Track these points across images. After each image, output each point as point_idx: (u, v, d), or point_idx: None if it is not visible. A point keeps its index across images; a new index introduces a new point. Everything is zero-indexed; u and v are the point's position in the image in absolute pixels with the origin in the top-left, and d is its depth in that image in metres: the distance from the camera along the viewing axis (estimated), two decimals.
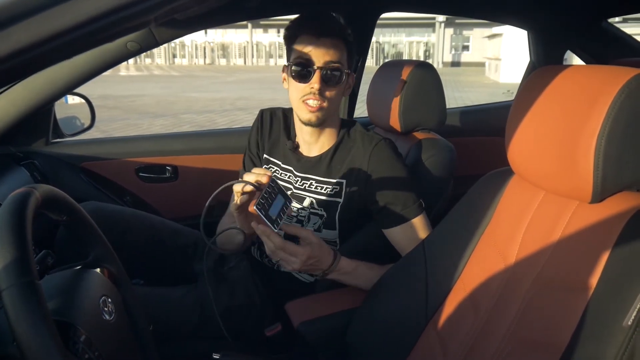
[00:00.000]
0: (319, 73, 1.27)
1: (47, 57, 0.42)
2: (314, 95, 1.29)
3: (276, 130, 1.49)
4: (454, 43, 35.26)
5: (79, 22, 0.38)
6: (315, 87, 1.27)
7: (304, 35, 1.29)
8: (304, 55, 1.28)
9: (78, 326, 0.73)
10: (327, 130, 1.40)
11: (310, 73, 1.28)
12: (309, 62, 1.28)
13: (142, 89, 15.80)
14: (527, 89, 0.98)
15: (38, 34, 0.39)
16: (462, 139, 2.14)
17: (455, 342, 1.04)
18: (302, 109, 1.32)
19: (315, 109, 1.30)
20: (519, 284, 0.96)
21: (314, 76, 1.28)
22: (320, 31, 1.29)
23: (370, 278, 1.26)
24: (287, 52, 1.35)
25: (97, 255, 0.94)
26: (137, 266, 1.54)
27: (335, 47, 1.30)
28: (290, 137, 1.46)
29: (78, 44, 0.41)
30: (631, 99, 0.79)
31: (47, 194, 0.77)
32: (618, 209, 0.85)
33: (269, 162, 1.48)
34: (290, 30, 1.34)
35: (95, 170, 1.98)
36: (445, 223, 1.18)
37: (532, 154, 0.95)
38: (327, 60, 1.28)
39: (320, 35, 1.28)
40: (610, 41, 2.19)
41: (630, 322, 0.73)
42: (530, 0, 2.01)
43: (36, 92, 1.56)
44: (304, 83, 1.29)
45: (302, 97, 1.30)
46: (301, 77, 1.29)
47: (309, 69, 1.28)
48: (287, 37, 1.34)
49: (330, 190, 1.37)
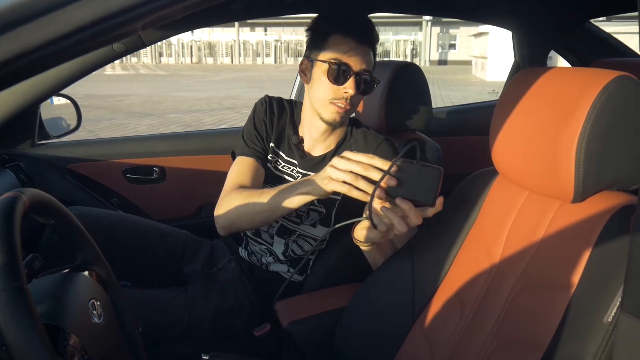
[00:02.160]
0: (354, 79, 1.28)
1: (34, 66, 0.43)
2: (345, 100, 1.30)
3: (283, 120, 1.47)
4: (441, 41, 35.45)
5: (65, 32, 0.39)
6: (350, 92, 1.28)
7: (350, 36, 1.28)
8: (344, 57, 1.28)
9: (67, 330, 0.73)
10: (337, 130, 1.41)
11: (347, 77, 1.28)
12: (347, 66, 1.28)
13: (128, 88, 15.68)
14: (511, 90, 0.99)
15: (27, 43, 0.39)
16: (448, 138, 2.16)
17: (442, 340, 1.06)
18: (328, 109, 1.32)
19: (342, 112, 1.31)
20: (503, 282, 0.98)
21: (350, 81, 1.28)
22: (363, 38, 1.29)
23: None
24: (316, 44, 1.33)
25: (85, 258, 0.94)
26: (125, 269, 1.54)
27: (370, 55, 1.32)
28: (296, 131, 1.46)
29: (64, 53, 0.41)
30: (610, 101, 0.81)
31: (35, 198, 0.77)
32: (599, 208, 0.87)
33: (274, 153, 1.46)
34: (327, 23, 1.32)
35: (82, 172, 1.97)
36: (431, 222, 1.19)
37: (516, 154, 0.97)
38: (363, 68, 1.29)
39: (362, 42, 1.29)
40: (593, 42, 2.22)
41: (610, 319, 0.75)
42: (513, 2, 2.03)
43: (22, 94, 1.55)
44: (339, 85, 1.29)
45: (332, 99, 1.30)
46: (337, 79, 1.28)
47: (346, 72, 1.28)
48: (320, 31, 1.33)
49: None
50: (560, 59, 2.41)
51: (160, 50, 36.22)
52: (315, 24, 1.35)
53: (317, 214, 1.41)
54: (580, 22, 2.19)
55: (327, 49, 1.30)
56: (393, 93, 1.58)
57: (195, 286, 1.47)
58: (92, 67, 1.53)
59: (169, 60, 36.19)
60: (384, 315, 1.18)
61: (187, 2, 0.43)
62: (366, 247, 1.17)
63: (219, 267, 1.54)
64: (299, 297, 1.39)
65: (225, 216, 1.30)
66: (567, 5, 2.07)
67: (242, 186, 1.34)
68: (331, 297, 1.33)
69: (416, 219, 0.95)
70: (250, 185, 1.36)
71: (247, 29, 36.71)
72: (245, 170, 1.39)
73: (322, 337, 1.25)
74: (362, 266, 1.27)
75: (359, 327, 1.21)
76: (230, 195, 1.31)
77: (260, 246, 1.49)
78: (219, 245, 1.63)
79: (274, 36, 35.73)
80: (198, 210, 2.12)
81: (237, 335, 1.44)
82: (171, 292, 1.45)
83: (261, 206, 1.22)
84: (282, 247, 1.46)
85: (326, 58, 1.29)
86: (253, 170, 1.39)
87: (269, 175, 1.45)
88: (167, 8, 0.42)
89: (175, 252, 1.59)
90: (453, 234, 1.12)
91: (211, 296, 1.44)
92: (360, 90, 1.31)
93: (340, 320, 1.23)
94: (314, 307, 1.31)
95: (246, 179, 1.37)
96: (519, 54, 2.36)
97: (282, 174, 1.45)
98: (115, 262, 1.05)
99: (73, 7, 0.39)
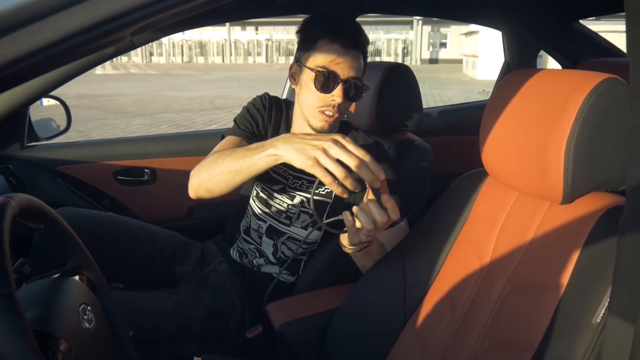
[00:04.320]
0: (342, 86, 1.26)
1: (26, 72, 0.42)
2: (333, 108, 1.28)
3: (278, 120, 1.46)
4: (432, 40, 35.53)
5: (52, 40, 0.38)
6: (338, 100, 1.26)
7: (336, 43, 1.25)
8: (331, 65, 1.25)
9: (57, 335, 0.73)
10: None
11: (334, 85, 1.26)
12: (334, 74, 1.25)
13: (119, 88, 15.60)
14: (500, 92, 1.00)
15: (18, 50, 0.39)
16: (439, 138, 2.17)
17: (433, 341, 1.06)
18: (316, 117, 1.30)
19: (330, 120, 1.30)
20: (493, 283, 0.99)
21: (337, 89, 1.26)
22: (349, 44, 1.26)
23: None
24: (305, 50, 1.30)
25: (76, 262, 0.93)
26: (117, 271, 1.53)
27: (359, 60, 1.29)
28: (289, 132, 1.44)
29: (55, 60, 0.41)
30: (598, 103, 0.82)
31: (24, 203, 0.77)
32: (588, 210, 0.88)
33: None
34: (315, 29, 1.29)
35: (72, 174, 1.96)
36: (423, 224, 1.20)
37: (505, 156, 0.97)
38: (351, 75, 1.27)
39: (351, 48, 1.26)
40: (582, 42, 2.24)
41: (598, 320, 0.76)
42: (502, 2, 2.05)
43: (11, 96, 1.54)
44: (326, 93, 1.26)
45: (320, 107, 1.29)
46: (324, 88, 1.26)
47: (333, 81, 1.25)
48: (308, 36, 1.30)
49: (322, 190, 1.38)
50: (551, 58, 2.42)
51: (151, 50, 36.05)
52: (304, 28, 1.33)
53: (309, 217, 1.42)
54: (569, 23, 2.21)
55: (315, 55, 1.28)
56: (384, 94, 1.58)
57: (187, 288, 1.47)
58: (81, 69, 1.52)
59: (160, 59, 36.02)
60: (375, 316, 1.19)
61: (175, 10, 0.43)
62: (352, 251, 1.16)
63: (210, 269, 1.54)
64: (291, 298, 1.39)
65: (195, 175, 1.24)
66: (556, 6, 2.08)
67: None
68: (323, 299, 1.33)
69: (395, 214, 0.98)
70: None
71: (238, 28, 36.60)
72: (229, 145, 1.33)
73: (315, 338, 1.25)
74: (353, 267, 1.27)
75: (351, 328, 1.21)
76: (204, 160, 1.24)
77: (250, 245, 1.49)
78: (210, 246, 1.63)
79: (265, 35, 35.65)
80: (189, 212, 2.11)
81: (228, 337, 1.44)
82: (162, 294, 1.44)
83: (228, 165, 1.12)
84: (272, 249, 1.46)
85: (314, 65, 1.27)
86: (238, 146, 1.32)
87: (260, 175, 1.43)
88: (155, 15, 0.42)
89: (165, 253, 1.59)
90: (444, 235, 1.13)
91: (202, 298, 1.43)
92: (349, 97, 1.29)
93: (332, 322, 1.23)
94: (306, 309, 1.31)
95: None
96: (509, 54, 2.37)
97: (274, 174, 1.45)
98: (105, 264, 1.04)
99: (60, 16, 0.39)
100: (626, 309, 0.69)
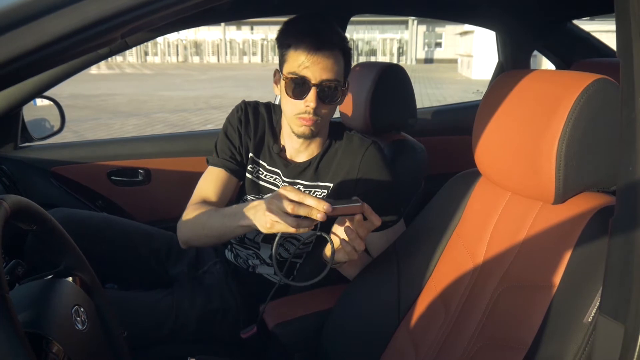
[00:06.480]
0: (315, 90, 1.20)
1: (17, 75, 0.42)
2: (308, 114, 1.23)
3: (261, 129, 1.41)
4: (427, 40, 35.56)
5: (44, 42, 0.38)
6: (311, 105, 1.21)
7: (300, 47, 1.20)
8: (300, 70, 1.20)
9: (50, 338, 0.73)
10: (317, 139, 1.35)
11: (306, 90, 1.21)
12: (305, 79, 1.20)
13: (114, 87, 15.55)
14: (493, 93, 1.00)
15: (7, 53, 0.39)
16: (433, 138, 2.18)
17: (427, 341, 1.07)
18: (295, 123, 1.26)
19: (309, 124, 1.25)
20: (486, 283, 0.99)
21: (310, 94, 1.21)
22: (318, 45, 1.19)
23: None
24: (280, 57, 1.27)
25: (69, 263, 0.93)
26: (111, 271, 1.53)
27: (332, 60, 1.21)
28: (276, 139, 1.40)
29: (46, 62, 0.41)
30: (589, 104, 0.83)
31: (16, 205, 0.77)
32: (579, 210, 0.88)
33: (254, 163, 1.42)
34: (284, 36, 1.25)
35: (65, 175, 1.95)
36: (416, 224, 1.21)
37: (498, 156, 0.98)
38: (324, 78, 1.20)
39: (318, 49, 1.19)
40: (575, 42, 2.26)
41: (590, 319, 0.76)
42: (496, 3, 2.05)
43: (4, 96, 1.54)
44: (299, 99, 1.22)
45: (297, 114, 1.24)
46: (296, 94, 1.22)
47: (304, 86, 1.21)
48: (280, 44, 1.26)
49: (318, 194, 1.37)
50: (545, 58, 2.44)
51: (145, 49, 35.95)
52: (278, 35, 1.28)
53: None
54: (563, 23, 2.22)
55: (287, 62, 1.23)
56: (378, 94, 1.58)
57: (181, 288, 1.47)
58: (75, 69, 1.52)
59: (155, 59, 35.93)
60: (369, 316, 1.19)
61: (164, 12, 0.43)
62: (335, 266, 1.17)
63: (205, 270, 1.54)
64: (285, 298, 1.38)
65: (183, 232, 1.32)
66: (549, 6, 2.09)
67: (205, 200, 1.33)
68: (317, 299, 1.33)
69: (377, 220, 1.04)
70: (215, 199, 1.35)
71: (234, 27, 36.53)
72: (212, 183, 1.37)
73: (309, 339, 1.25)
74: None
75: (345, 328, 1.22)
76: (188, 210, 1.31)
77: (247, 251, 1.49)
78: (205, 247, 1.63)
79: (261, 35, 35.60)
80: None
81: (223, 338, 1.43)
82: (157, 294, 1.44)
83: (209, 230, 1.24)
84: (269, 252, 1.45)
85: (286, 72, 1.23)
86: (220, 183, 1.37)
87: (250, 186, 1.42)
88: (145, 18, 0.42)
89: (159, 253, 1.59)
90: (437, 235, 1.13)
91: (197, 298, 1.43)
92: (326, 101, 1.24)
93: (326, 322, 1.23)
94: (300, 309, 1.31)
95: (211, 192, 1.35)
96: (502, 54, 2.38)
97: (266, 184, 1.42)
98: (99, 264, 1.04)
99: (49, 19, 0.39)
100: (616, 308, 0.70)
